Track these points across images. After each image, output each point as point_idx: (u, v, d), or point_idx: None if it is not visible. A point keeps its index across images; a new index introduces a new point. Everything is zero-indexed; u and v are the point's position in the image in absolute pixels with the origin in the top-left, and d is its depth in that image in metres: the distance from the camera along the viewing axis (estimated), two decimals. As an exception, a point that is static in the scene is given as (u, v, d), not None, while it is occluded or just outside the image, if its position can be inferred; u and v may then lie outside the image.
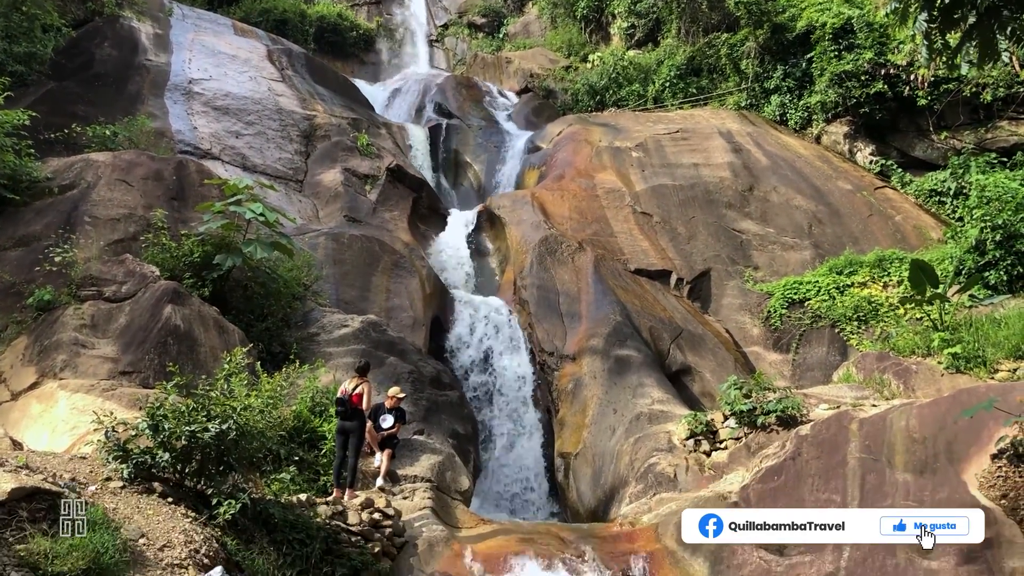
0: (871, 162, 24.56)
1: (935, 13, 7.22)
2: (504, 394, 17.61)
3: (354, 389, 11.68)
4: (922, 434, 9.95)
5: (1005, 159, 22.07)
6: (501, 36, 43.00)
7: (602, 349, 17.08)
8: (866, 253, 20.13)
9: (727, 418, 13.27)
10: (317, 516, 9.93)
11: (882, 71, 23.75)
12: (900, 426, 10.21)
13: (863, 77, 23.88)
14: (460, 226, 23.49)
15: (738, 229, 22.15)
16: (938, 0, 7.18)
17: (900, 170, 24.08)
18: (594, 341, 17.36)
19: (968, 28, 7.12)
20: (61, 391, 12.28)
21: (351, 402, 11.55)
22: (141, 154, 18.13)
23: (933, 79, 23.01)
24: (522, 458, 16.77)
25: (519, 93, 35.24)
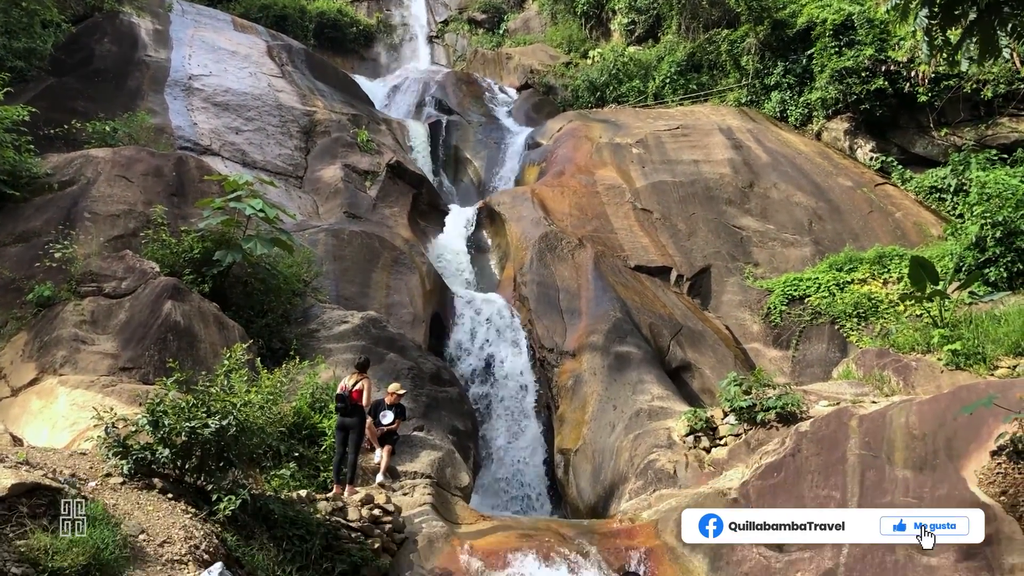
0: (871, 159, 24.53)
1: (936, 9, 7.22)
2: (506, 389, 17.61)
3: (354, 385, 11.67)
4: (922, 431, 9.95)
5: (1005, 156, 22.02)
6: (501, 32, 42.96)
7: (602, 345, 17.09)
8: (866, 250, 20.12)
9: (727, 414, 13.27)
10: (317, 512, 9.94)
11: (883, 67, 23.72)
12: (900, 423, 10.21)
13: (864, 73, 23.84)
14: (460, 223, 23.48)
15: (738, 226, 22.13)
16: (939, -4, 7.18)
17: (900, 167, 24.06)
18: (594, 338, 17.36)
19: (969, 24, 7.12)
20: (61, 387, 12.28)
21: (351, 398, 11.54)
22: (141, 150, 18.12)
23: (934, 75, 22.98)
24: (521, 454, 16.79)
25: (519, 89, 35.20)
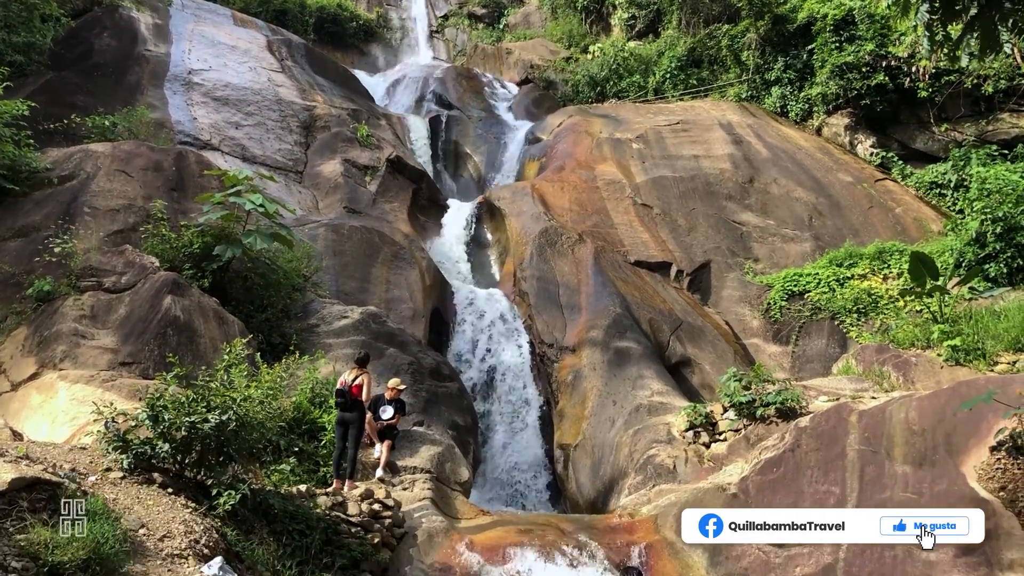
0: (872, 154, 24.51)
1: (936, 4, 7.19)
2: (505, 382, 17.62)
3: (354, 380, 11.68)
4: (921, 426, 9.96)
5: (1006, 151, 22.00)
6: (501, 27, 42.90)
7: (602, 341, 17.09)
8: (866, 245, 20.12)
9: (726, 410, 13.28)
10: (317, 507, 9.94)
11: (883, 63, 23.68)
12: (899, 418, 10.21)
13: (864, 69, 23.80)
14: (460, 217, 23.46)
15: (738, 221, 22.12)
16: (940, -9, 7.16)
17: (901, 162, 24.04)
18: (594, 333, 17.36)
19: (970, 19, 7.09)
20: (61, 382, 12.29)
21: (351, 393, 11.55)
22: (140, 145, 18.10)
23: (934, 71, 22.94)
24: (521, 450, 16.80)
25: (519, 84, 35.17)
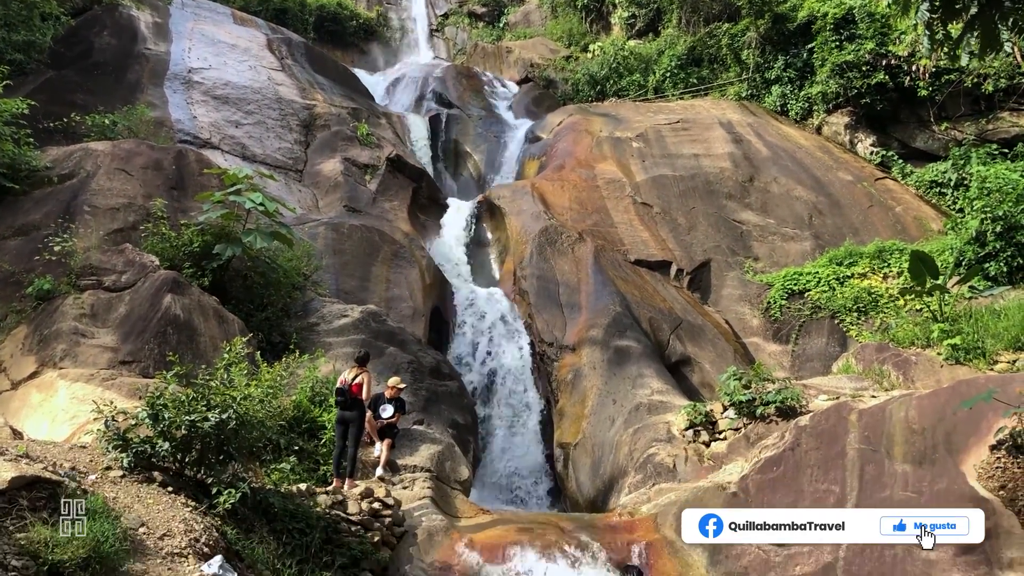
0: (872, 153, 24.50)
1: (937, 3, 7.18)
2: (505, 386, 17.62)
3: (354, 379, 11.68)
4: (921, 425, 9.95)
5: (1006, 150, 22.02)
6: (501, 25, 42.89)
7: (602, 340, 17.09)
8: (866, 244, 20.12)
9: (726, 408, 13.28)
10: (317, 506, 9.94)
11: (883, 61, 23.68)
12: (899, 417, 10.21)
13: (864, 67, 23.80)
14: (460, 216, 23.45)
15: (738, 220, 22.11)
16: (940, -10, 7.15)
17: (901, 161, 24.04)
18: (594, 332, 17.36)
19: (970, 18, 7.08)
20: (61, 380, 12.29)
21: (351, 392, 11.55)
22: (140, 143, 18.10)
23: (934, 70, 22.94)
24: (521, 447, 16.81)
25: (519, 83, 35.15)
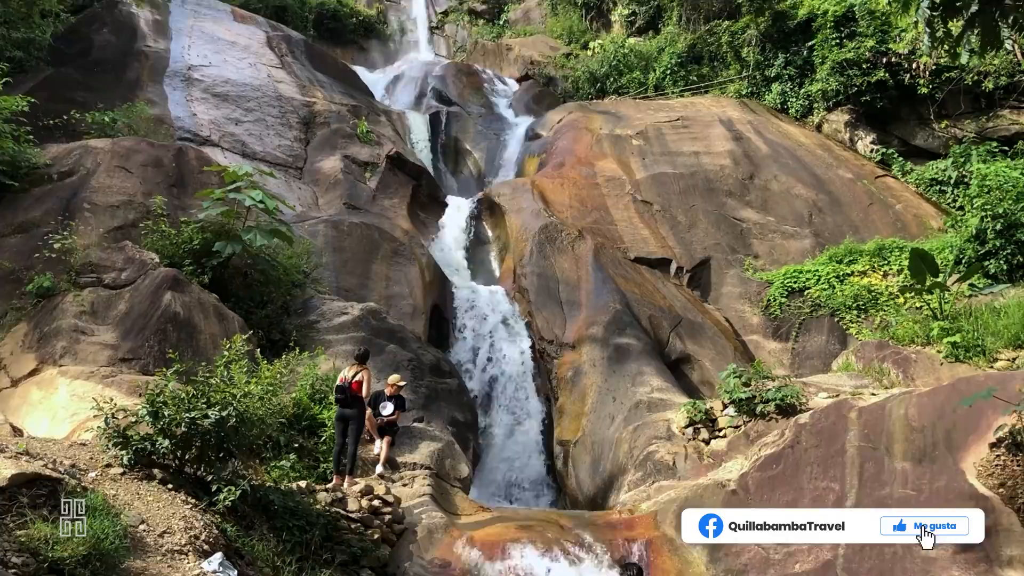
0: (872, 151, 24.50)
1: (937, 1, 7.19)
2: (506, 379, 17.62)
3: (354, 376, 11.69)
4: (921, 423, 9.95)
5: (1006, 148, 22.03)
6: (502, 23, 42.84)
7: (602, 337, 17.09)
8: (866, 242, 20.11)
9: (726, 406, 13.28)
10: (317, 503, 9.95)
11: (884, 59, 23.67)
12: (899, 415, 10.21)
13: (864, 65, 23.79)
14: (460, 214, 23.44)
15: (738, 218, 22.11)
16: (941, -12, 7.15)
17: (901, 159, 24.03)
18: (594, 330, 17.36)
19: (970, 16, 7.08)
20: (61, 378, 12.30)
21: (351, 389, 11.56)
22: (140, 141, 18.09)
23: (935, 68, 22.95)
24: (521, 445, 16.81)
25: (519, 80, 35.10)
